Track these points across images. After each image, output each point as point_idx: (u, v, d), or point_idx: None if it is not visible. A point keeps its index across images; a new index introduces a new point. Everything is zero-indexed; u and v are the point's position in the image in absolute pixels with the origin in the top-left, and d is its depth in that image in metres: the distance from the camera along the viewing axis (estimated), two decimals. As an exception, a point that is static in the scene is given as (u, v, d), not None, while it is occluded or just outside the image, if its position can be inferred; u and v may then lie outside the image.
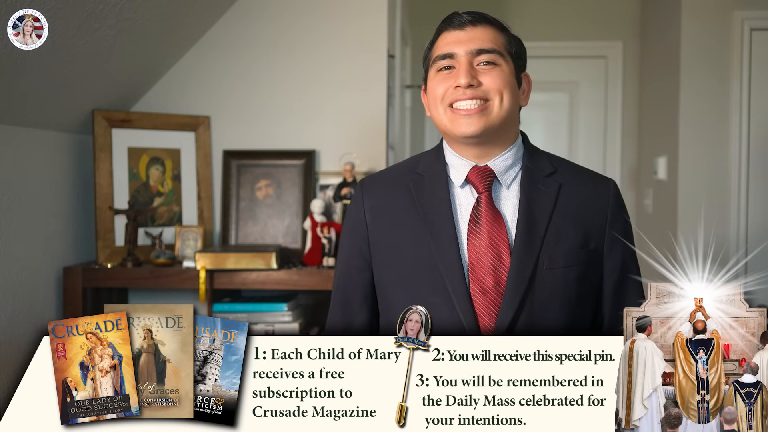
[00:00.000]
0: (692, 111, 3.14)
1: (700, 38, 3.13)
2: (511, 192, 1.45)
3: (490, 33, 1.44)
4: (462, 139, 1.43)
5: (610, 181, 1.51)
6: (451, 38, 1.44)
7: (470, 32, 1.43)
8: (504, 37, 1.45)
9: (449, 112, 1.42)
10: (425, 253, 1.42)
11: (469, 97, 1.39)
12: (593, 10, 4.29)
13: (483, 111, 1.40)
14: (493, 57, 1.42)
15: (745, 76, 3.07)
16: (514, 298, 1.37)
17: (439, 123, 1.45)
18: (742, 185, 3.05)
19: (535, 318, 1.38)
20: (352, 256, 1.53)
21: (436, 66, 1.45)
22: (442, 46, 1.44)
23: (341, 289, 1.55)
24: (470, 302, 1.38)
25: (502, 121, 1.42)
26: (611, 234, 1.46)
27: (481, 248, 1.40)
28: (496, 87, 1.40)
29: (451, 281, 1.39)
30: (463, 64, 1.41)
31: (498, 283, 1.39)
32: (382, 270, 1.49)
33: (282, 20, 2.79)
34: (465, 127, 1.40)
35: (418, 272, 1.43)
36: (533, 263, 1.39)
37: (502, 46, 1.44)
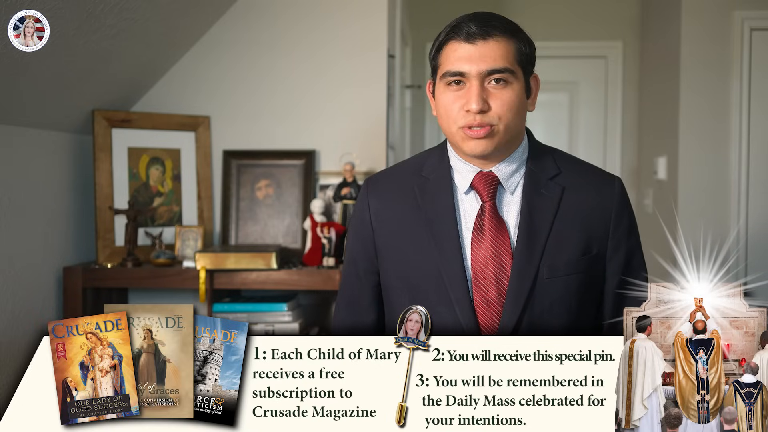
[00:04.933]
0: (692, 111, 3.14)
1: (700, 38, 3.13)
2: (515, 198, 1.44)
3: (501, 47, 1.38)
4: (470, 157, 1.43)
5: (615, 180, 1.49)
6: (461, 53, 1.38)
7: (481, 48, 1.37)
8: (515, 47, 1.40)
9: (461, 132, 1.39)
10: (429, 260, 1.42)
11: (479, 123, 1.37)
12: (593, 10, 4.29)
13: (490, 134, 1.38)
14: (505, 76, 1.38)
15: (745, 76, 3.07)
16: (514, 309, 1.37)
17: (450, 136, 1.44)
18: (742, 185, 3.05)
19: (535, 327, 1.38)
20: (358, 258, 1.53)
21: (445, 80, 1.40)
22: (453, 61, 1.39)
23: (348, 290, 1.55)
24: (473, 313, 1.39)
25: (508, 140, 1.42)
26: (615, 236, 1.45)
27: (484, 258, 1.40)
28: (503, 112, 1.38)
29: (454, 291, 1.39)
30: (474, 87, 1.37)
31: (500, 294, 1.39)
32: (388, 275, 1.49)
33: (282, 20, 2.79)
34: (474, 147, 1.39)
35: (423, 280, 1.43)
36: (533, 274, 1.39)
37: (514, 60, 1.39)
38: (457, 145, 1.43)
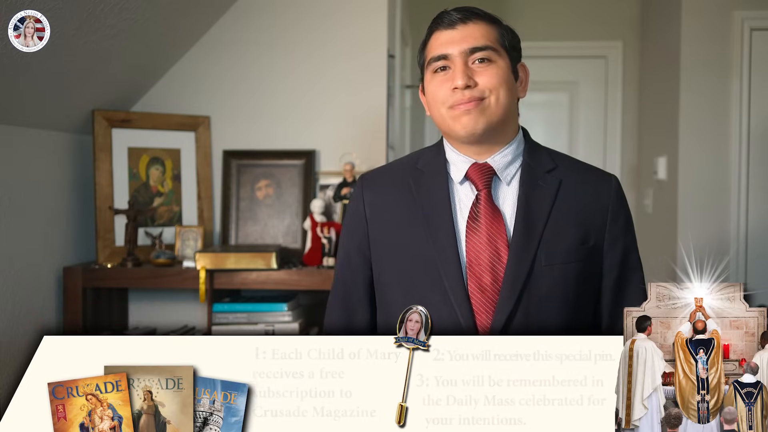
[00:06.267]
0: (692, 111, 3.14)
1: (700, 38, 3.13)
2: (511, 188, 1.45)
3: (482, 29, 1.43)
4: (463, 138, 1.43)
5: (612, 177, 1.50)
6: (443, 38, 1.43)
7: (462, 30, 1.42)
8: (497, 31, 1.45)
9: (450, 112, 1.42)
10: (424, 250, 1.42)
11: (467, 99, 1.39)
12: (593, 10, 4.29)
13: (481, 108, 1.40)
14: (488, 54, 1.42)
15: (745, 76, 3.07)
16: (510, 294, 1.37)
17: (441, 124, 1.46)
18: (742, 185, 3.05)
19: (532, 315, 1.38)
20: (351, 251, 1.53)
21: (431, 68, 1.44)
22: (436, 47, 1.44)
23: (341, 284, 1.55)
24: (467, 300, 1.38)
25: (500, 116, 1.42)
26: (612, 231, 1.45)
27: (479, 245, 1.40)
28: (492, 84, 1.40)
29: (448, 278, 1.39)
30: (458, 65, 1.40)
31: (496, 280, 1.39)
32: (381, 266, 1.49)
33: (282, 20, 2.79)
34: (467, 122, 1.40)
35: (417, 269, 1.43)
36: (530, 260, 1.39)
37: (496, 41, 1.43)
38: (451, 129, 1.43)
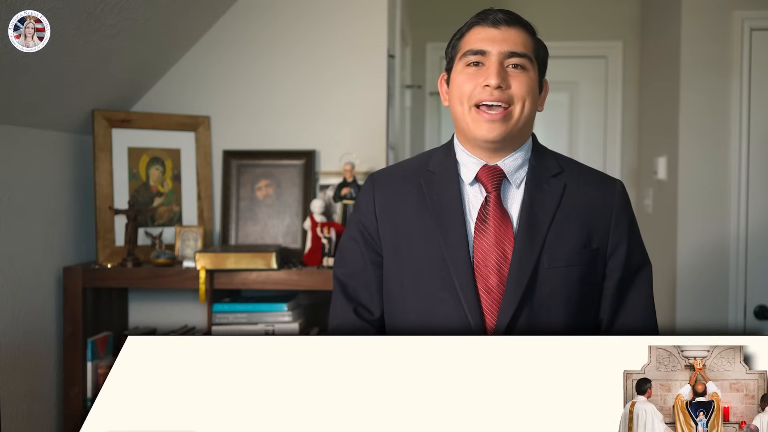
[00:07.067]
0: (692, 111, 3.13)
1: (700, 38, 3.12)
2: (520, 191, 1.46)
3: (522, 36, 1.44)
4: (479, 142, 1.44)
5: (617, 182, 1.52)
6: (484, 35, 1.43)
7: (504, 32, 1.43)
8: (533, 42, 1.46)
9: (473, 112, 1.42)
10: (435, 248, 1.43)
11: (496, 99, 1.39)
12: (593, 10, 4.29)
13: (505, 117, 1.40)
14: (523, 61, 1.42)
15: (745, 76, 3.07)
16: (514, 296, 1.38)
17: (460, 120, 1.45)
18: (742, 185, 3.05)
19: (535, 317, 1.39)
20: (357, 244, 1.53)
21: (464, 60, 1.44)
22: (475, 41, 1.44)
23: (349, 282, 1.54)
24: (477, 299, 1.39)
25: (521, 127, 1.43)
26: (615, 235, 1.46)
27: (487, 247, 1.41)
28: (522, 93, 1.41)
29: (459, 277, 1.40)
30: (494, 64, 1.40)
31: (502, 281, 1.40)
32: (391, 265, 1.49)
33: (282, 20, 2.79)
34: (486, 131, 1.41)
35: (428, 267, 1.43)
36: (534, 262, 1.40)
37: (532, 51, 1.45)
38: (467, 129, 1.43)
